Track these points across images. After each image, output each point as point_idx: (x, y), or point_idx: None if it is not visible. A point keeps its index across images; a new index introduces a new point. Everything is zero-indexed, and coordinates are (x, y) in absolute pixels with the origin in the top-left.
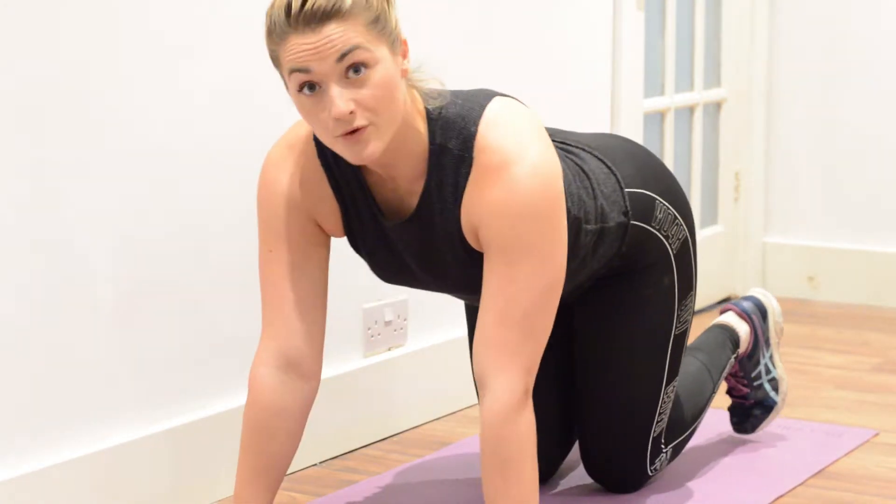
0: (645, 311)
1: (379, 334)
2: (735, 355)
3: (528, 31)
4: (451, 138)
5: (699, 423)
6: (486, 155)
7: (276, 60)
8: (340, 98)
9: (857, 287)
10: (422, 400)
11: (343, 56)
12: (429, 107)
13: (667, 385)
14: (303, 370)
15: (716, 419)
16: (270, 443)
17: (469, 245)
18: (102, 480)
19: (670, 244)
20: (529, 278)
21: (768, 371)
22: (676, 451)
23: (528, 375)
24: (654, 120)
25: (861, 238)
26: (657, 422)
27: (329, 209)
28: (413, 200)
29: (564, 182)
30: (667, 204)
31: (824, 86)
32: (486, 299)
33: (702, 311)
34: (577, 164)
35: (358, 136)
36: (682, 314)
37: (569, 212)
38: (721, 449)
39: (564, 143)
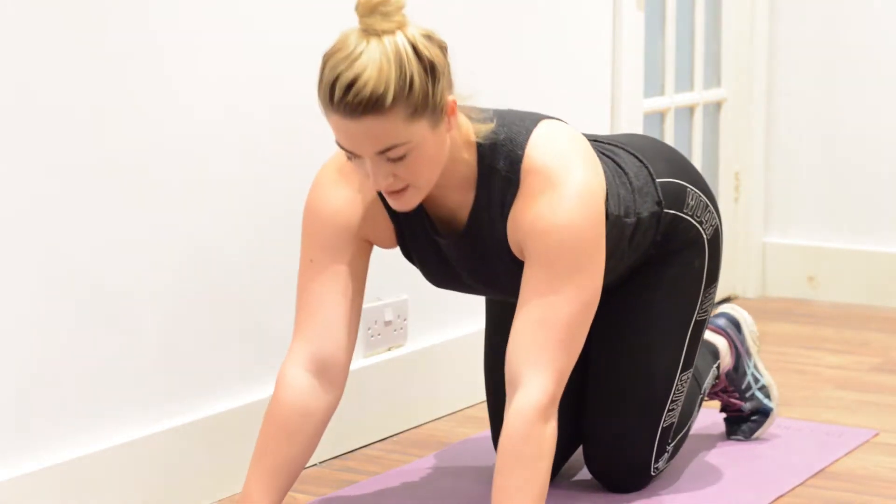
0: (671, 290)
1: (379, 334)
2: (717, 365)
3: (527, 31)
4: (500, 160)
5: (692, 423)
6: (533, 176)
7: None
8: (379, 174)
9: (857, 287)
10: (422, 400)
11: (380, 152)
12: (478, 139)
13: (682, 372)
14: (331, 376)
15: (716, 419)
16: (290, 444)
17: (517, 257)
18: (102, 480)
19: (704, 229)
20: (571, 291)
21: (756, 380)
22: (676, 450)
23: (559, 383)
24: (654, 120)
25: (861, 238)
26: (668, 410)
27: (382, 226)
28: (463, 215)
29: (606, 182)
30: (698, 192)
31: (824, 86)
32: (528, 302)
33: None
34: (613, 161)
35: (398, 196)
36: (704, 302)
37: (611, 214)
38: (721, 449)
39: (598, 141)
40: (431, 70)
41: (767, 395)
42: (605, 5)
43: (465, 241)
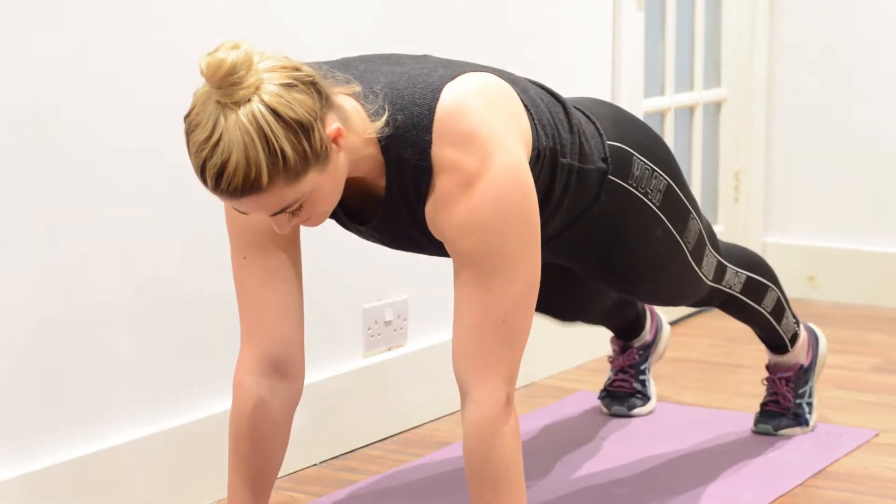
0: (655, 262)
1: (379, 334)
2: (782, 297)
3: (527, 30)
4: (406, 148)
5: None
6: (446, 172)
7: None
8: (280, 225)
9: (857, 287)
10: (422, 400)
11: (273, 214)
12: (378, 135)
13: (703, 274)
14: (287, 373)
15: (717, 420)
16: (262, 450)
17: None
18: (102, 480)
19: (650, 200)
20: (504, 286)
21: (811, 395)
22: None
23: (509, 383)
24: (654, 120)
25: (861, 238)
26: (703, 279)
27: None
28: (378, 199)
29: (536, 114)
30: (643, 159)
31: (824, 86)
32: (461, 307)
33: (702, 311)
34: (561, 104)
35: (304, 224)
36: (687, 237)
37: (541, 143)
38: (721, 449)
39: (552, 94)
40: (300, 128)
41: (810, 413)
42: (605, 5)
43: (384, 226)
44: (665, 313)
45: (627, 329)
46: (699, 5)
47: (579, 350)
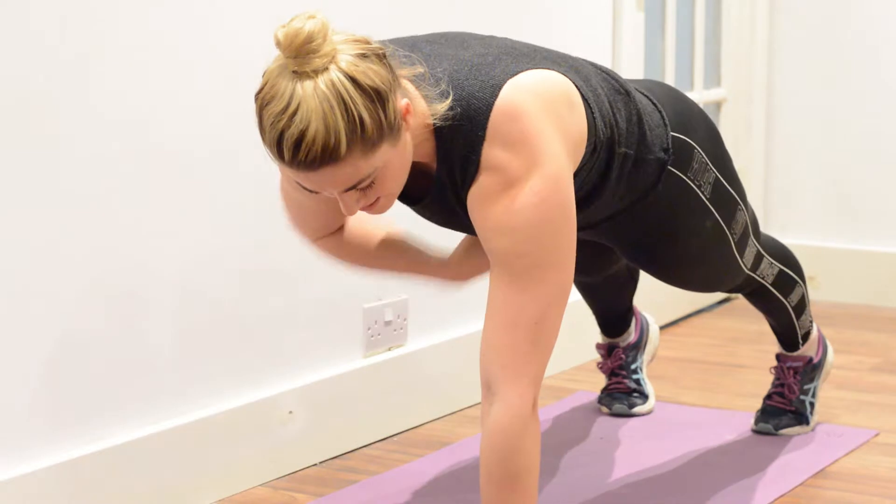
0: (702, 252)
1: (379, 334)
2: (806, 295)
3: (528, 31)
4: (458, 139)
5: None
6: (491, 170)
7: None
8: (349, 204)
9: (857, 287)
10: (422, 400)
11: (346, 189)
12: (435, 120)
13: (744, 263)
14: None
15: (717, 419)
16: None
17: None
18: (102, 480)
19: (703, 192)
20: (537, 288)
21: (814, 395)
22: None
23: (536, 385)
24: None
25: (861, 238)
26: (742, 268)
27: None
28: (429, 180)
29: (596, 105)
30: (702, 154)
31: (824, 86)
32: (493, 305)
33: (702, 311)
34: (624, 92)
35: (371, 208)
36: (734, 228)
37: (598, 136)
38: (721, 449)
39: (616, 81)
40: (378, 96)
41: (812, 413)
42: (605, 5)
43: (434, 207)
44: (661, 314)
45: (613, 322)
46: (699, 5)
47: (579, 350)
